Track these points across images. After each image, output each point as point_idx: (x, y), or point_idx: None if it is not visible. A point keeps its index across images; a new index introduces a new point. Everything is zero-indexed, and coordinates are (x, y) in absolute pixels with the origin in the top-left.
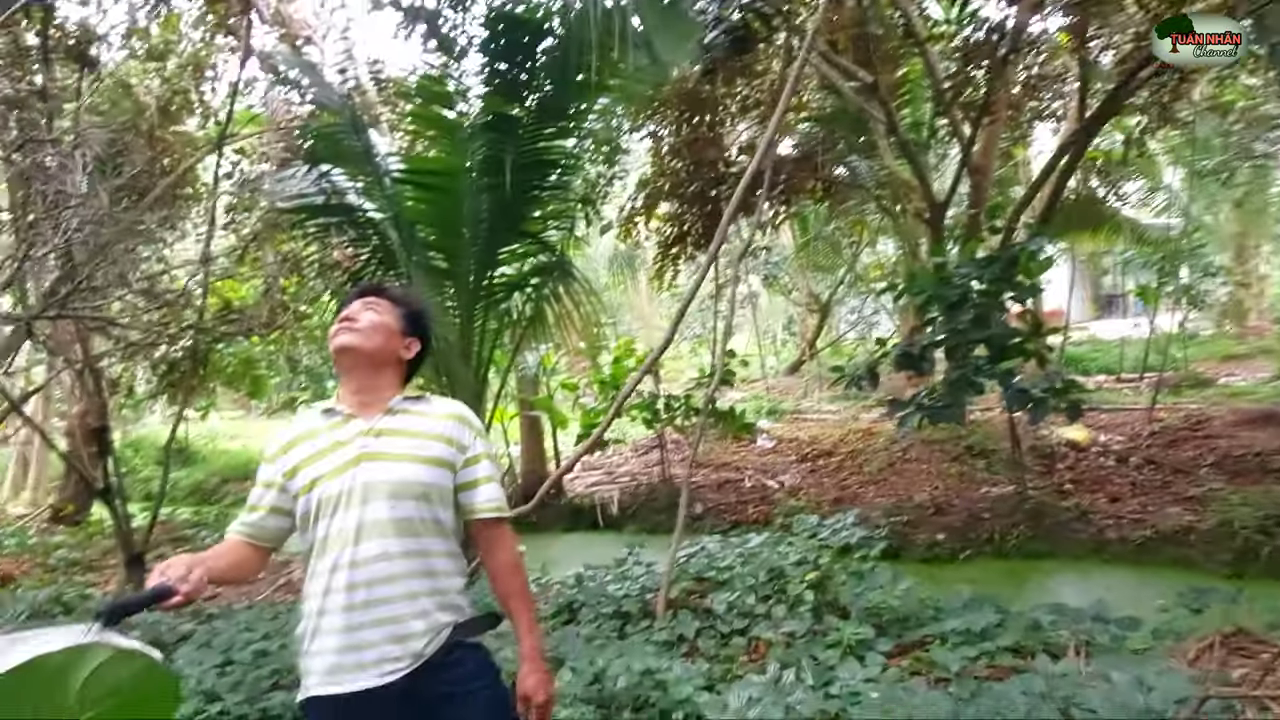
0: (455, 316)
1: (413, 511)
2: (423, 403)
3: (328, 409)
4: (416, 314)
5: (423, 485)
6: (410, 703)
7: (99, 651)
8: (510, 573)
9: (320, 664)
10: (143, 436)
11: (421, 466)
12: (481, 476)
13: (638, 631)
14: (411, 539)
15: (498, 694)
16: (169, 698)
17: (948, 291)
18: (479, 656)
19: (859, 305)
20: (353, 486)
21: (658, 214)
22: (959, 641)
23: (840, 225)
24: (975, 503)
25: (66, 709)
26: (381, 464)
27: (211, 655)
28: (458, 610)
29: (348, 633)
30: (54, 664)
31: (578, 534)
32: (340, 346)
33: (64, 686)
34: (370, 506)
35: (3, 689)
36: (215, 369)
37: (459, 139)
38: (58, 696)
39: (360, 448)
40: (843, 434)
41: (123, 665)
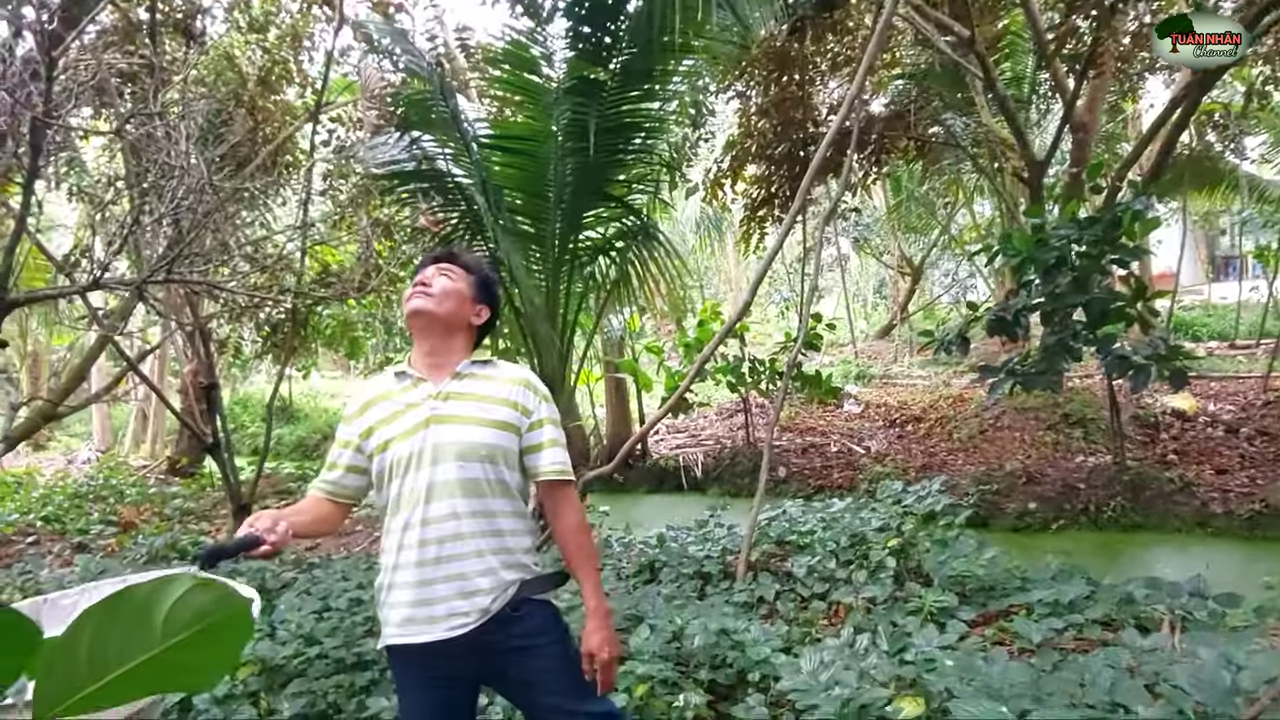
0: (541, 280)
1: (479, 473)
2: (490, 367)
3: (400, 372)
4: (487, 281)
5: (488, 447)
6: (480, 654)
7: (182, 582)
8: (575, 533)
9: (396, 615)
10: (249, 394)
11: (487, 429)
12: (546, 440)
13: (717, 593)
14: (478, 499)
15: (565, 649)
16: (245, 624)
17: (1045, 254)
18: (547, 612)
19: (953, 268)
20: (423, 448)
21: (745, 176)
22: (1046, 612)
23: (935, 185)
24: (1070, 472)
25: (152, 635)
26: (449, 427)
27: (311, 602)
28: (524, 569)
29: (420, 587)
30: (141, 594)
31: (662, 495)
32: (414, 310)
33: (150, 615)
34: (439, 467)
35: (96, 617)
36: (315, 330)
37: (544, 104)
38: (145, 624)
39: (430, 410)
40: (933, 400)
41: (202, 595)
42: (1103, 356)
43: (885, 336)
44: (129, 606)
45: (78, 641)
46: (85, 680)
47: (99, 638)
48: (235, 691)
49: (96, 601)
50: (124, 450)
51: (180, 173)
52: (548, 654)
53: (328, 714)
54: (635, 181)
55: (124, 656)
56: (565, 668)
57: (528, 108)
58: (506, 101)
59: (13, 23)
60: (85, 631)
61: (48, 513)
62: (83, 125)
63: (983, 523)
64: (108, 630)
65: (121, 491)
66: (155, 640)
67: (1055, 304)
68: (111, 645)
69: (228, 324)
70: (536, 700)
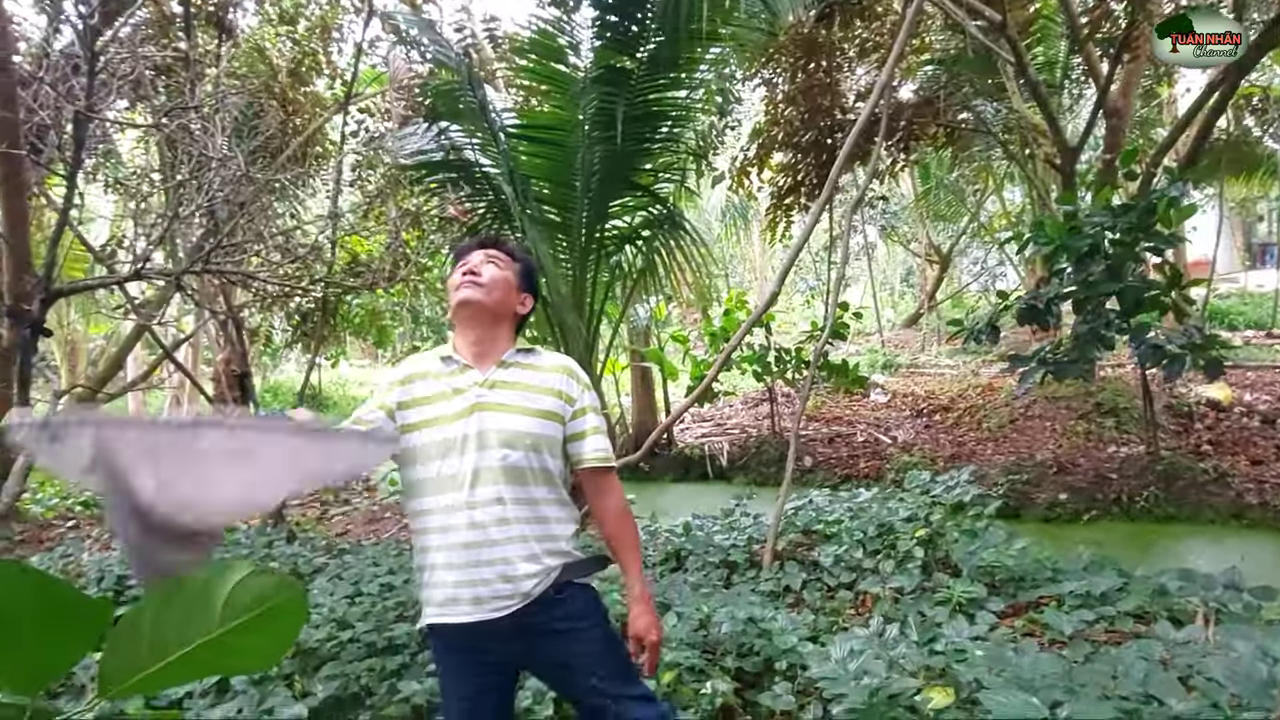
0: (567, 269)
1: (523, 460)
2: (533, 355)
3: (445, 356)
4: (530, 269)
5: (533, 436)
6: (522, 637)
7: (239, 568)
8: (618, 519)
9: (439, 595)
10: (280, 382)
11: (532, 419)
12: (589, 428)
13: (744, 581)
14: (522, 487)
15: (606, 632)
16: (299, 608)
17: (1078, 241)
18: (588, 595)
19: (982, 256)
20: (468, 433)
21: (771, 164)
22: (1077, 604)
23: (964, 173)
24: (1102, 462)
25: (211, 619)
26: (495, 414)
27: (343, 587)
28: (566, 555)
29: (464, 569)
30: (198, 581)
31: (687, 484)
32: (464, 300)
33: (209, 599)
34: (485, 454)
35: (157, 601)
36: (344, 319)
37: (571, 93)
38: (204, 608)
39: (476, 397)
40: (961, 389)
41: (260, 580)
42: (1136, 345)
43: (913, 325)
44: (189, 592)
45: (140, 624)
46: (147, 661)
47: (160, 621)
48: (270, 673)
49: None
50: None
51: (216, 165)
52: (589, 637)
53: (360, 696)
54: (662, 170)
55: (184, 639)
56: (607, 651)
57: (555, 97)
58: (533, 91)
59: (53, 18)
60: (147, 614)
61: (86, 498)
62: (119, 119)
63: (1013, 513)
64: (168, 614)
65: None
66: (214, 624)
67: (1089, 292)
68: (172, 628)
69: (259, 313)
70: (577, 683)
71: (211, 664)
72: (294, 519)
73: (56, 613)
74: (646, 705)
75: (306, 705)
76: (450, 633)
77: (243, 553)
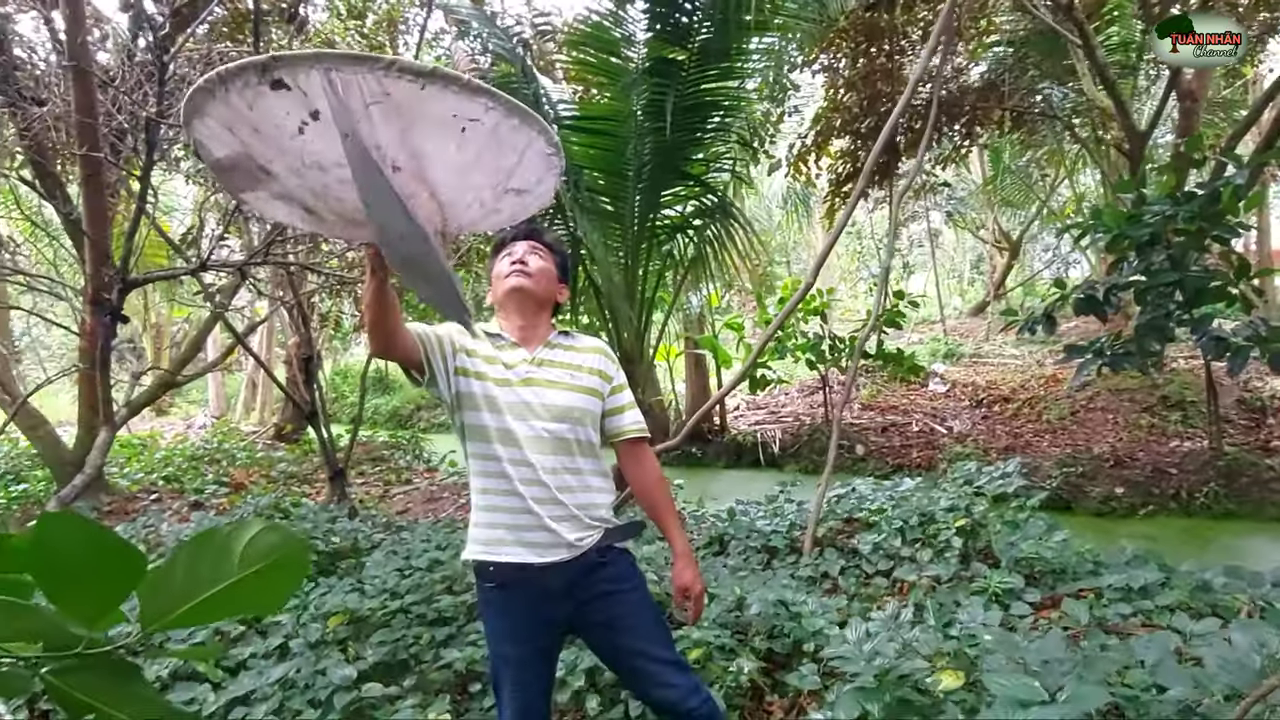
0: (620, 257)
1: (568, 433)
2: (571, 338)
3: (493, 333)
4: (566, 263)
5: (580, 410)
6: (571, 597)
7: (254, 525)
8: (657, 484)
9: (488, 535)
10: (349, 365)
11: (576, 394)
12: (626, 403)
13: (783, 566)
14: (566, 457)
15: (645, 596)
16: (303, 560)
17: (1138, 230)
18: (628, 560)
19: (1054, 243)
20: (514, 403)
21: (830, 151)
22: (1116, 598)
23: (1036, 158)
24: (1161, 457)
25: (231, 567)
26: (542, 389)
27: (396, 561)
28: (606, 521)
29: (512, 530)
30: (223, 534)
31: (738, 470)
32: (515, 286)
33: (230, 550)
34: (532, 425)
35: (188, 551)
36: (409, 304)
37: (624, 84)
38: (225, 558)
39: (526, 373)
40: (1023, 380)
41: (270, 536)
42: (1199, 337)
43: (980, 314)
44: (214, 543)
45: (174, 570)
46: (179, 601)
47: (191, 566)
48: (326, 639)
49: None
50: (236, 417)
51: None
52: (631, 599)
53: (407, 662)
54: (713, 160)
55: (211, 582)
56: (647, 613)
57: (608, 88)
58: (588, 82)
59: (134, 28)
60: (180, 561)
61: (168, 473)
62: None
63: (1065, 506)
64: (197, 561)
65: (233, 455)
66: (233, 571)
67: (1150, 282)
68: (200, 574)
69: (329, 299)
70: (620, 644)
71: (231, 606)
72: (358, 497)
73: (104, 557)
74: (681, 671)
75: (356, 668)
76: (499, 578)
77: (306, 526)
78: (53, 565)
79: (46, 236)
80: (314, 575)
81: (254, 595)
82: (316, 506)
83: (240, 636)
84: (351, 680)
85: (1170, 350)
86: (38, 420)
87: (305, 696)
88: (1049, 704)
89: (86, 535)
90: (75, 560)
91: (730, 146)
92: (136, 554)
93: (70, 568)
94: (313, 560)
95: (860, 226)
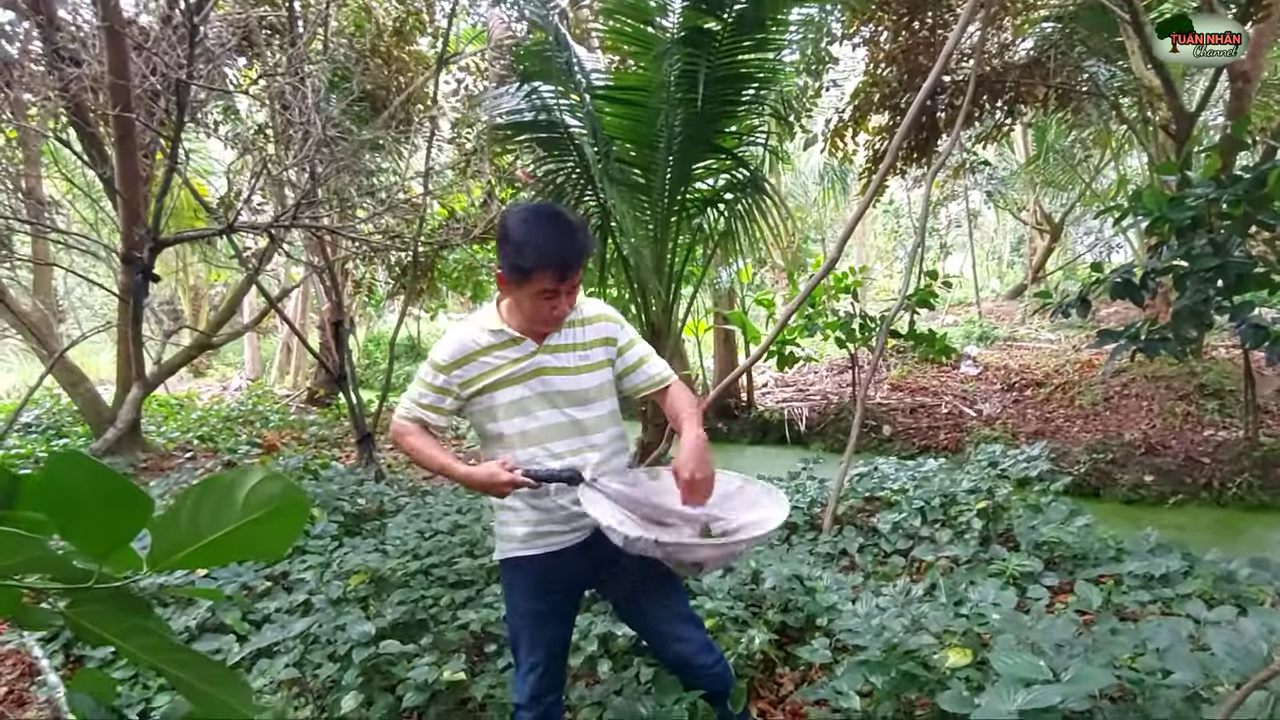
0: (649, 230)
1: (583, 414)
2: (575, 312)
3: (494, 329)
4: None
5: (595, 389)
6: (589, 556)
7: (256, 473)
8: (680, 394)
9: (520, 532)
10: (383, 332)
11: (588, 374)
12: (636, 359)
13: (802, 542)
14: (596, 434)
15: None
16: (301, 509)
17: (1179, 214)
18: None
19: (1096, 227)
20: (532, 395)
21: (868, 126)
22: (1136, 584)
23: (1081, 138)
24: (1195, 445)
25: (234, 512)
26: (556, 377)
27: (418, 523)
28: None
29: (538, 524)
30: (226, 480)
31: (764, 447)
32: (556, 318)
33: (233, 496)
34: (554, 413)
35: (194, 495)
36: (441, 274)
37: (656, 54)
38: (229, 503)
39: (535, 364)
40: (1058, 364)
41: (271, 484)
42: (1238, 325)
43: (1017, 297)
44: (217, 489)
45: (180, 514)
46: (186, 542)
47: (195, 511)
48: (347, 596)
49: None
50: (270, 380)
51: (308, 123)
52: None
53: (425, 622)
54: (746, 133)
55: (214, 526)
56: (667, 573)
57: (641, 58)
58: (622, 52)
59: None
60: (186, 505)
61: (203, 433)
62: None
63: (1093, 492)
64: (202, 505)
65: (266, 417)
66: (236, 516)
67: (1191, 266)
68: (205, 517)
69: (363, 265)
70: (637, 600)
71: (232, 550)
72: (385, 462)
73: (112, 497)
74: (696, 627)
75: (375, 625)
76: (527, 563)
77: (334, 488)
78: (62, 502)
79: (88, 198)
80: (338, 535)
81: (255, 541)
82: (344, 469)
83: (266, 591)
84: (370, 637)
85: (1211, 338)
86: (78, 377)
87: (325, 651)
88: (1052, 683)
89: (93, 475)
90: (83, 498)
91: (764, 120)
92: (141, 495)
93: (79, 505)
94: (338, 521)
95: (898, 205)
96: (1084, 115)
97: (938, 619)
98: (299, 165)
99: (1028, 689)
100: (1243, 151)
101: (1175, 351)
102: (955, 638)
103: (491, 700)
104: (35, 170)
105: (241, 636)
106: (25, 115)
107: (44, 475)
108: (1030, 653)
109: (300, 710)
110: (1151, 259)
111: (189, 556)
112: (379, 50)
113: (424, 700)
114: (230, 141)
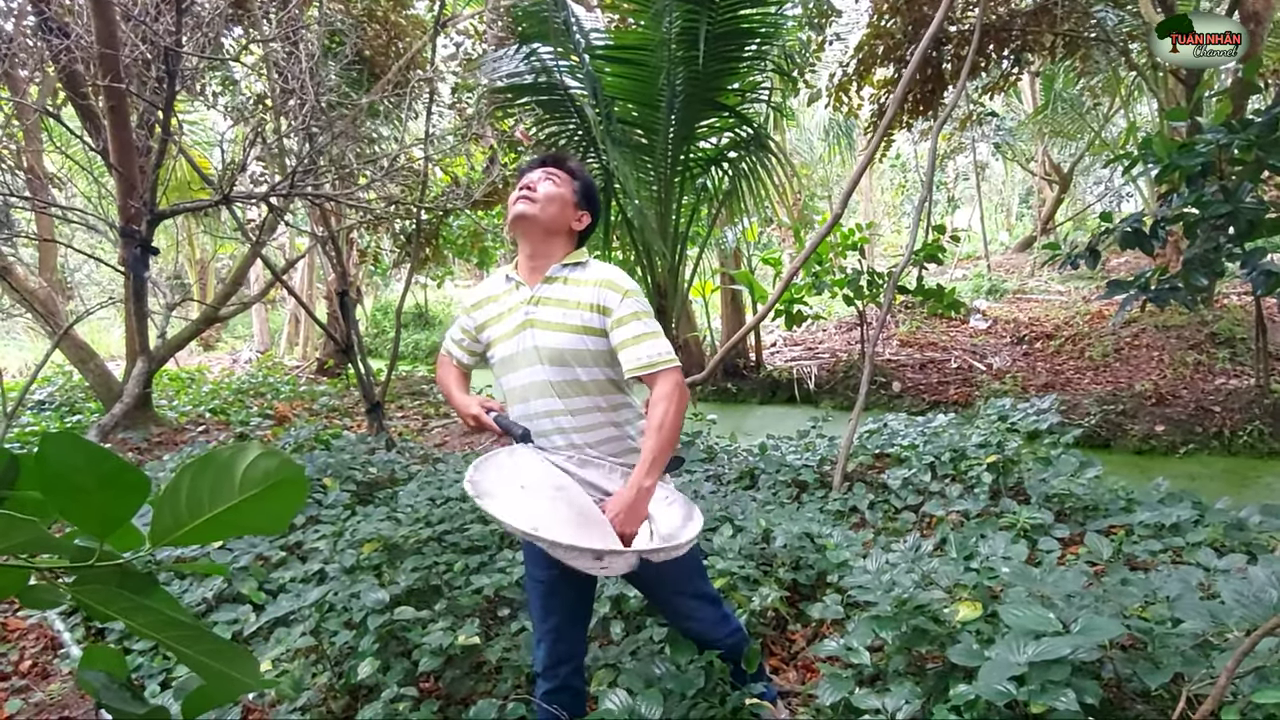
0: (653, 191)
1: (569, 375)
2: (578, 270)
3: (508, 275)
4: (589, 188)
5: (573, 352)
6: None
7: (253, 449)
8: (654, 429)
9: None
10: (390, 301)
11: (565, 334)
12: (628, 338)
13: (812, 500)
14: (573, 399)
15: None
16: (300, 484)
17: (1189, 160)
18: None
19: (1106, 176)
20: (520, 350)
21: (873, 80)
22: (1146, 534)
23: (1090, 86)
24: (1205, 395)
25: (232, 489)
26: (540, 331)
27: (429, 490)
28: (637, 454)
29: None
30: (224, 457)
31: (774, 406)
32: (517, 214)
33: (231, 473)
34: (535, 369)
35: (192, 471)
36: (446, 241)
37: (656, 11)
38: (227, 480)
39: (525, 315)
40: (1068, 316)
41: (269, 460)
42: (1248, 272)
43: (1027, 249)
44: (215, 465)
45: (179, 490)
46: (185, 519)
47: (194, 488)
48: (361, 564)
49: (191, 461)
50: (280, 351)
51: (303, 91)
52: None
53: (439, 588)
54: (749, 90)
55: (213, 503)
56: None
57: (641, 15)
58: (620, 10)
59: None
60: (185, 482)
61: (214, 406)
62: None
63: (1104, 444)
64: (200, 482)
65: (277, 389)
66: (234, 493)
67: (1202, 214)
68: (204, 494)
69: (368, 235)
70: (651, 578)
71: (232, 526)
72: (396, 430)
73: (109, 477)
74: (710, 605)
75: (389, 592)
76: None
77: (345, 457)
78: (57, 482)
79: (88, 173)
80: (351, 504)
81: (254, 517)
82: (355, 438)
83: (281, 561)
84: (384, 604)
85: (1223, 286)
86: (87, 354)
87: (341, 618)
88: (1062, 635)
89: (86, 454)
90: (78, 478)
91: (767, 76)
92: (137, 473)
93: (73, 485)
94: (350, 490)
95: (905, 160)
96: (1092, 62)
97: (948, 573)
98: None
99: (1037, 641)
100: (1254, 95)
101: (1186, 300)
102: (965, 591)
103: (506, 663)
104: (35, 145)
105: (258, 606)
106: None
107: (37, 455)
108: (1040, 605)
109: (318, 677)
110: (1162, 207)
111: (188, 534)
112: (375, 15)
113: (440, 665)
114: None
